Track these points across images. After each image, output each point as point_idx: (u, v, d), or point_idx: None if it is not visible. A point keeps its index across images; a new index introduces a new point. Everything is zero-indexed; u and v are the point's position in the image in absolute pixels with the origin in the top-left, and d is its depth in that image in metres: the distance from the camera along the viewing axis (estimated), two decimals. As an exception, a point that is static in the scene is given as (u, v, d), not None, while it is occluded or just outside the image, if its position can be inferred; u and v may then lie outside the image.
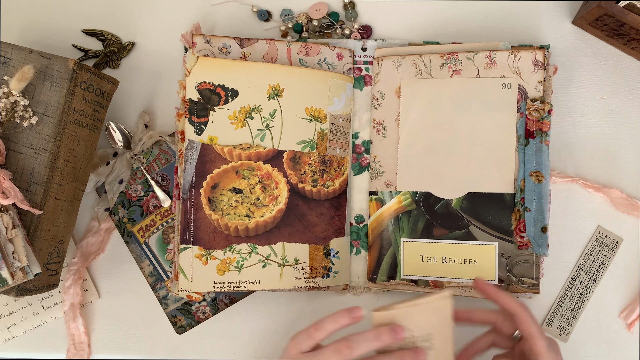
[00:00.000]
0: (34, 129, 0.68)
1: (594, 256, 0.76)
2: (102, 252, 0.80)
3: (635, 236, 0.76)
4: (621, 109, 0.77)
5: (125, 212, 0.79)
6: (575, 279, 0.76)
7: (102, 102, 0.73)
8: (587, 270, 0.76)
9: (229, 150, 0.75)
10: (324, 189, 0.76)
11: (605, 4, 0.70)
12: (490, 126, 0.73)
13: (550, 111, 0.72)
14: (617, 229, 0.76)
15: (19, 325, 0.79)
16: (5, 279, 0.64)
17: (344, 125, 0.78)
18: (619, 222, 0.76)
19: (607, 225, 0.76)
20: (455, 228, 0.74)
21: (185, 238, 0.73)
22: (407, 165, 0.76)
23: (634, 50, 0.77)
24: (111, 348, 0.79)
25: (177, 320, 0.78)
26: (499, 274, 0.72)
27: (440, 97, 0.75)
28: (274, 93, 0.75)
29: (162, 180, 0.79)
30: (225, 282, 0.74)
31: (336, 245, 0.77)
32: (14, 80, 0.68)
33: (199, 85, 0.74)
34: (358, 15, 0.81)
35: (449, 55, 0.75)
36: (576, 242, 0.76)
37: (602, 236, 0.76)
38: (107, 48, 0.81)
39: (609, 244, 0.76)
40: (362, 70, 0.79)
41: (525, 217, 0.72)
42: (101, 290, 0.80)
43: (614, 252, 0.76)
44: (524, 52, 0.73)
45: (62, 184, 0.70)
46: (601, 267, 0.75)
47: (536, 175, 0.72)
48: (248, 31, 0.81)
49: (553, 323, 0.76)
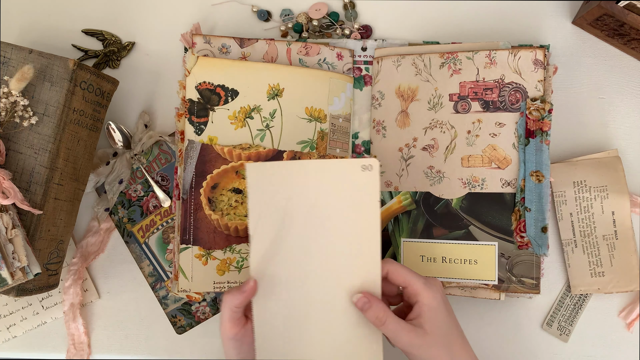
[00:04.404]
0: (34, 129, 0.68)
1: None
2: (102, 252, 0.80)
3: (635, 234, 0.76)
4: (621, 109, 0.77)
5: (125, 212, 0.79)
6: (576, 279, 0.76)
7: (102, 102, 0.73)
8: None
9: (229, 150, 0.75)
10: (324, 189, 0.76)
11: (605, 4, 0.70)
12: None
13: (550, 110, 0.72)
14: (617, 229, 0.76)
15: (19, 325, 0.79)
16: (5, 279, 0.64)
17: (344, 125, 0.78)
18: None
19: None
20: (455, 228, 0.74)
21: (185, 238, 0.73)
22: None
23: (634, 50, 0.77)
24: (111, 348, 0.79)
25: (177, 320, 0.78)
26: (499, 274, 0.72)
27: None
28: (274, 93, 0.75)
29: (162, 180, 0.79)
30: (225, 282, 0.74)
31: (336, 245, 0.77)
32: (14, 80, 0.68)
33: (198, 85, 0.74)
34: (358, 15, 0.81)
35: (448, 55, 0.75)
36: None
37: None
38: (107, 48, 0.81)
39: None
40: (362, 70, 0.79)
41: (525, 217, 0.72)
42: (101, 290, 0.80)
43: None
44: (524, 51, 0.73)
45: (62, 184, 0.70)
46: (601, 267, 0.75)
47: (536, 175, 0.72)
48: (248, 31, 0.81)
49: (553, 323, 0.76)
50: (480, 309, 0.77)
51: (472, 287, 0.73)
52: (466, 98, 0.74)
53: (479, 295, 0.73)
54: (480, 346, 0.77)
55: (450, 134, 0.75)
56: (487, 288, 0.73)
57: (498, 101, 0.73)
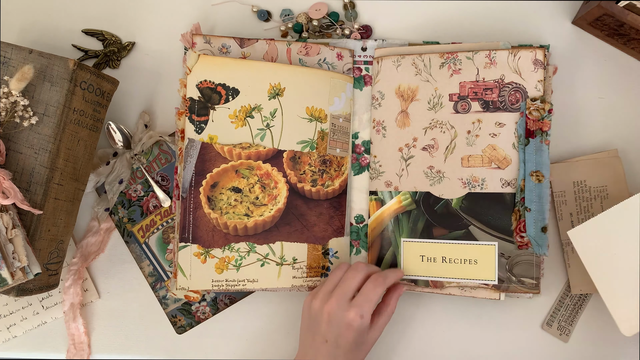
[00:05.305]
0: (34, 129, 0.68)
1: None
2: (102, 252, 0.80)
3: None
4: (621, 109, 0.77)
5: (125, 212, 0.79)
6: (576, 279, 0.76)
7: (102, 102, 0.73)
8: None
9: (229, 150, 0.75)
10: (324, 189, 0.76)
11: (605, 4, 0.70)
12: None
13: (550, 110, 0.71)
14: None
15: (19, 325, 0.79)
16: (5, 279, 0.64)
17: (344, 125, 0.78)
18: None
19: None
20: (455, 228, 0.74)
21: (184, 236, 0.73)
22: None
23: (634, 50, 0.76)
24: (111, 348, 0.79)
25: (177, 320, 0.78)
26: (499, 274, 0.72)
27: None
28: (275, 92, 0.75)
29: (162, 180, 0.79)
30: (224, 281, 0.74)
31: (335, 245, 0.77)
32: (14, 80, 0.68)
33: (199, 84, 0.74)
34: (358, 15, 0.81)
35: (448, 55, 0.75)
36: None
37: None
38: (107, 48, 0.81)
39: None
40: (362, 70, 0.79)
41: (525, 217, 0.71)
42: (101, 290, 0.80)
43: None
44: (524, 51, 0.73)
45: (62, 184, 0.70)
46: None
47: (536, 175, 0.72)
48: (248, 31, 0.81)
49: (553, 323, 0.76)
50: (480, 309, 0.77)
51: (472, 287, 0.73)
52: (466, 98, 0.74)
53: (479, 295, 0.73)
54: (481, 346, 0.77)
55: (450, 134, 0.75)
56: (487, 288, 0.73)
57: (498, 101, 0.73)
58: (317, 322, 0.69)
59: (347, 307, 0.67)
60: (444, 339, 0.77)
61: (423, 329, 0.78)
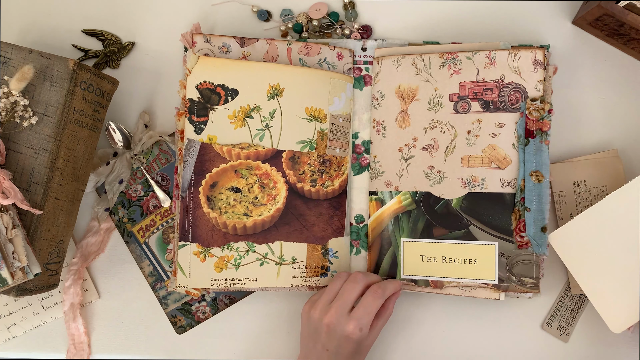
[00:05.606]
0: (34, 129, 0.68)
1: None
2: (102, 252, 0.80)
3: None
4: (621, 109, 0.77)
5: (125, 212, 0.79)
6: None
7: (102, 102, 0.73)
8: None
9: (228, 150, 0.75)
10: (323, 189, 0.76)
11: (605, 4, 0.70)
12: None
13: (550, 111, 0.71)
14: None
15: (19, 325, 0.79)
16: (5, 279, 0.64)
17: (344, 125, 0.78)
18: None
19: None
20: (455, 228, 0.74)
21: (184, 235, 0.74)
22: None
23: (634, 50, 0.76)
24: (111, 348, 0.79)
25: (177, 320, 0.78)
26: (499, 274, 0.72)
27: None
28: (274, 93, 0.76)
29: (162, 180, 0.79)
30: (223, 280, 0.74)
31: (335, 244, 0.77)
32: (14, 80, 0.68)
33: (199, 85, 0.74)
34: (358, 15, 0.81)
35: (448, 55, 0.75)
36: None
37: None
38: (107, 48, 0.81)
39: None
40: (362, 70, 0.79)
41: (525, 217, 0.71)
42: (101, 290, 0.80)
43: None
44: (524, 51, 0.73)
45: (62, 184, 0.70)
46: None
47: (536, 175, 0.72)
48: (248, 31, 0.81)
49: (553, 323, 0.76)
50: (480, 309, 0.77)
51: (472, 286, 0.73)
52: (466, 98, 0.74)
53: (479, 295, 0.73)
54: (480, 346, 0.77)
55: (450, 134, 0.75)
56: (487, 288, 0.73)
57: (498, 101, 0.73)
58: (317, 331, 0.70)
59: (346, 319, 0.68)
60: (444, 339, 0.77)
61: (423, 329, 0.78)
